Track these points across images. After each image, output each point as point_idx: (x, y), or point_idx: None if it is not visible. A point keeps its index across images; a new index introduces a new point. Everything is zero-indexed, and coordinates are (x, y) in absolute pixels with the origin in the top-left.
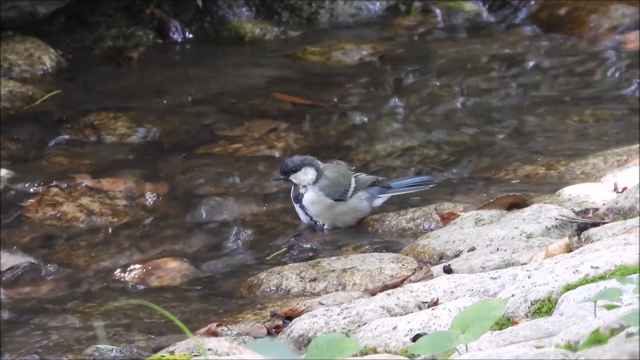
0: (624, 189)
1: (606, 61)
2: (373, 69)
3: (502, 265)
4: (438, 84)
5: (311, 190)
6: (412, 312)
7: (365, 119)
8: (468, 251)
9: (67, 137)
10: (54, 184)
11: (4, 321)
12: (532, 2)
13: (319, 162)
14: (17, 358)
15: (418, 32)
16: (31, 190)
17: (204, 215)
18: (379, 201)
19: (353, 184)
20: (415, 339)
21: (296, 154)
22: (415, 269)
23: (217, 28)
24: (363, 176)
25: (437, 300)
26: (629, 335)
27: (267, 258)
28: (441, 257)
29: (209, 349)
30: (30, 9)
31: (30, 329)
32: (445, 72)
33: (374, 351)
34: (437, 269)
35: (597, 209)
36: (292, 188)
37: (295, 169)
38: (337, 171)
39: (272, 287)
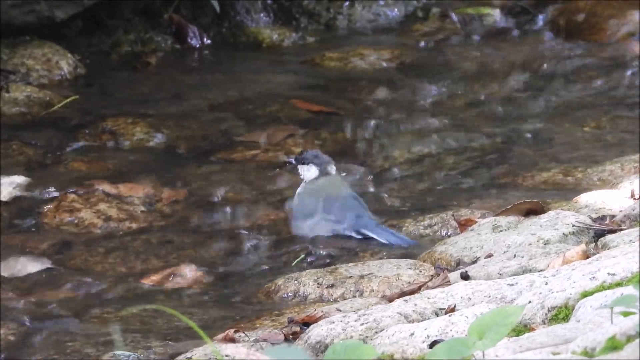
0: None
1: (624, 67)
2: (391, 75)
3: (519, 272)
4: (455, 90)
5: (300, 187)
6: (429, 318)
7: (383, 126)
8: (485, 258)
9: (84, 142)
10: (71, 189)
11: (21, 327)
12: (550, 9)
13: (329, 167)
14: None
15: (436, 38)
16: (48, 196)
17: (222, 220)
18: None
19: (314, 220)
20: (432, 345)
21: (325, 153)
22: (432, 276)
23: (235, 33)
24: (329, 226)
25: (454, 306)
26: None
27: (293, 265)
28: (458, 263)
29: (226, 355)
30: (48, 13)
31: (47, 335)
32: (462, 78)
33: (391, 357)
34: (455, 275)
35: (614, 216)
36: None
37: (305, 162)
38: (314, 190)
39: (289, 293)
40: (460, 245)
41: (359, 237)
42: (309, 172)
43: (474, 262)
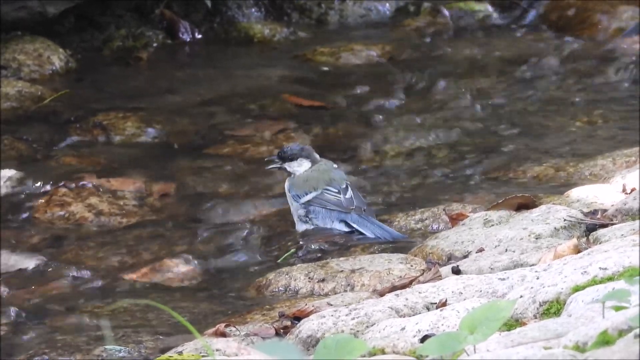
0: (633, 190)
1: (615, 62)
2: (382, 70)
3: (510, 266)
4: (447, 85)
5: (288, 180)
6: (420, 313)
7: (374, 120)
8: (477, 252)
9: (76, 137)
10: (62, 184)
11: (13, 322)
12: (541, 4)
13: (316, 155)
14: (26, 359)
15: (427, 33)
16: (40, 190)
17: (213, 215)
18: (338, 225)
19: (313, 194)
20: (423, 339)
21: (292, 142)
22: (423, 270)
23: (226, 29)
24: (331, 196)
25: (446, 301)
26: (637, 336)
27: (279, 261)
28: (450, 258)
29: (216, 350)
30: (39, 8)
31: (39, 330)
32: (454, 73)
33: (382, 352)
34: (446, 269)
35: (605, 210)
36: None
37: (292, 158)
38: (316, 171)
39: (280, 288)
40: (451, 240)
41: (347, 229)
42: (300, 166)
43: (466, 256)
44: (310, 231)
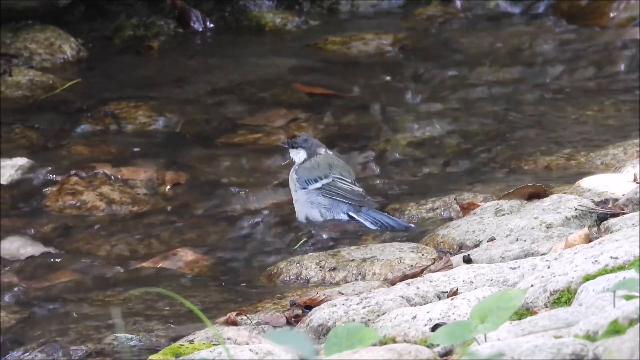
0: None
1: (627, 52)
2: (393, 59)
3: (521, 256)
4: (458, 74)
5: (292, 169)
6: (431, 301)
7: (386, 109)
8: (488, 241)
9: (87, 125)
10: (73, 172)
11: (24, 310)
12: None
13: (319, 149)
14: (37, 347)
15: (438, 22)
16: (51, 179)
17: (224, 204)
18: (342, 215)
19: (324, 182)
20: (434, 328)
21: (316, 137)
22: (434, 259)
23: (237, 18)
24: (344, 185)
25: (457, 290)
26: None
27: (294, 248)
28: (461, 247)
29: (227, 339)
30: None
31: (50, 318)
32: (465, 62)
33: (393, 341)
34: (457, 258)
35: (616, 200)
36: None
37: (295, 146)
38: (324, 161)
39: (291, 276)
40: (462, 229)
41: (347, 219)
42: (297, 155)
43: (477, 245)
44: (317, 222)
